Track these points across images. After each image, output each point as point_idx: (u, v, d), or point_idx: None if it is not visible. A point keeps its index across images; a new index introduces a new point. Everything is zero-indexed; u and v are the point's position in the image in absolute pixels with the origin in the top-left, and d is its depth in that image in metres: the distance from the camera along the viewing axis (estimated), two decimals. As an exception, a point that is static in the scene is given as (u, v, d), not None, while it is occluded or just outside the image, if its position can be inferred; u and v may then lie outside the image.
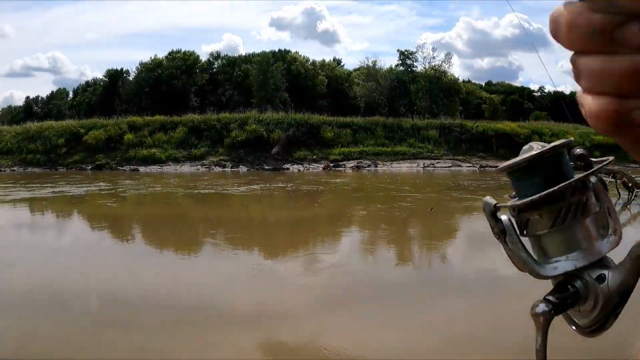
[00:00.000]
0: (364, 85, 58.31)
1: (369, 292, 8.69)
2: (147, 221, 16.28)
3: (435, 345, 6.49)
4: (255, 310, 7.50)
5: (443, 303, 8.23)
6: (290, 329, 6.78)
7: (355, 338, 6.52)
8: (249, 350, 6.04)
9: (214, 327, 6.76)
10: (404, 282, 9.60)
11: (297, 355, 6.09)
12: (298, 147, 41.14)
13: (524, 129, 48.54)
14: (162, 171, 35.55)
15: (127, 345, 6.10)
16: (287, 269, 10.12)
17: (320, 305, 7.96)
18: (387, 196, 23.03)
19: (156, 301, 7.75)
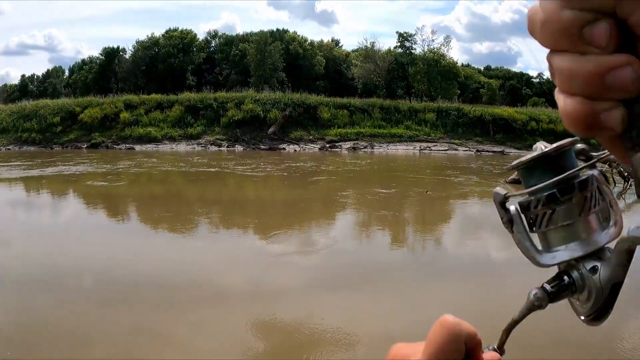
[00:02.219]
0: (361, 67, 58.07)
1: (363, 272, 8.79)
2: (142, 200, 16.35)
3: (427, 324, 6.46)
4: (250, 289, 7.62)
5: (437, 285, 8.30)
6: (284, 308, 6.83)
7: (349, 316, 6.64)
8: (243, 327, 6.09)
9: (209, 306, 6.83)
10: (399, 263, 9.68)
11: (291, 332, 6.15)
12: (295, 127, 41.09)
13: (521, 115, 48.43)
14: (157, 150, 35.49)
15: (123, 323, 6.19)
16: (282, 249, 10.17)
17: (315, 284, 8.08)
18: (382, 177, 23.07)
19: (151, 280, 7.82)
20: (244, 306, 6.89)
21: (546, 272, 0.71)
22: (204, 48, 68.59)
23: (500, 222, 0.72)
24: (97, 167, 23.61)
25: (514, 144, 44.80)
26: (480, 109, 48.85)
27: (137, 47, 65.36)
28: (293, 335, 6.08)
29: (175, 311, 6.61)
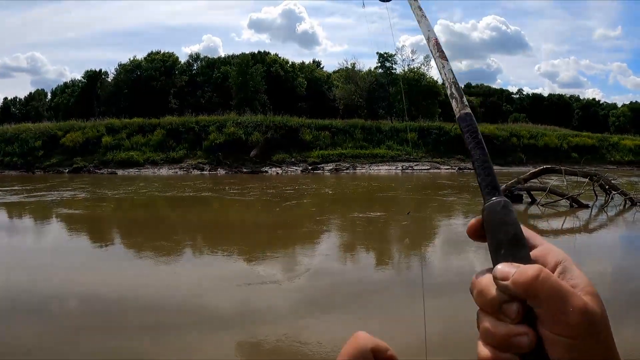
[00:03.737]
0: (343, 87, 58.49)
1: (349, 293, 8.87)
2: (124, 225, 16.31)
3: (413, 343, 6.63)
4: (235, 312, 7.64)
5: (420, 304, 8.37)
6: (270, 330, 6.87)
7: (335, 336, 6.67)
8: (230, 351, 6.18)
9: (195, 330, 6.82)
10: (384, 283, 9.77)
11: (277, 354, 6.20)
12: (277, 150, 41.07)
13: (502, 132, 48.95)
14: (140, 174, 35.39)
15: (109, 349, 6.17)
16: (266, 272, 10.19)
17: (300, 306, 8.12)
18: (365, 199, 23.20)
19: (135, 305, 7.81)
20: (229, 330, 6.92)
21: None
22: (185, 71, 68.67)
23: None
24: (78, 192, 23.52)
25: (495, 160, 44.92)
26: (462, 127, 49.18)
27: (119, 70, 65.39)
28: (282, 357, 6.12)
29: (160, 336, 6.61)
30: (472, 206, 20.46)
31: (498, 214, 0.73)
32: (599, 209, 19.52)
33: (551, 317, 0.62)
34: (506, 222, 0.72)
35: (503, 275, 0.65)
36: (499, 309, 0.65)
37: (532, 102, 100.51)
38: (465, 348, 6.76)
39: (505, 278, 0.65)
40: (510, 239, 0.71)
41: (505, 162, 44.84)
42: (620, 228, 17.33)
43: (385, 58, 59.07)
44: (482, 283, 0.69)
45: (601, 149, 52.27)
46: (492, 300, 0.66)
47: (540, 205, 19.78)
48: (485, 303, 0.68)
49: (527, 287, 0.63)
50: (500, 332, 0.65)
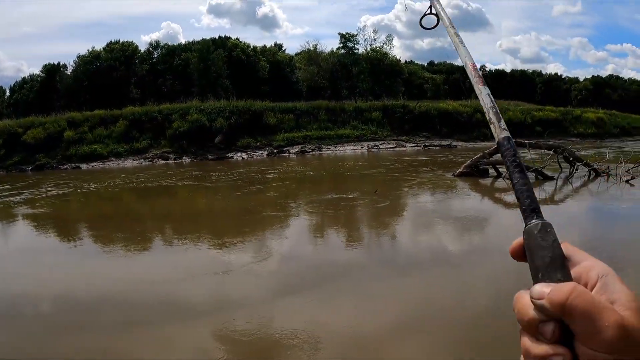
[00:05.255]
0: (305, 70, 58.39)
1: (322, 274, 8.89)
2: (92, 220, 16.03)
3: (387, 322, 6.69)
4: (209, 302, 7.62)
5: (395, 280, 8.45)
6: (246, 317, 6.85)
7: (310, 319, 6.73)
8: (206, 341, 6.16)
9: (170, 322, 6.79)
10: (356, 263, 9.80)
11: (256, 340, 6.18)
12: (241, 135, 40.88)
13: (466, 108, 49.35)
14: (104, 167, 34.97)
15: (86, 348, 6.10)
16: (238, 258, 10.14)
17: (274, 291, 8.09)
18: (332, 180, 23.22)
19: (111, 301, 7.71)
20: (204, 320, 6.88)
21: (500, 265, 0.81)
22: (146, 60, 67.70)
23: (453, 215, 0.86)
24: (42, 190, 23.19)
25: (460, 136, 45.72)
26: (426, 105, 49.68)
27: (78, 62, 64.30)
28: (258, 343, 6.11)
29: (137, 330, 6.56)
30: (438, 182, 20.62)
31: (535, 237, 0.76)
32: (564, 181, 19.79)
33: (586, 333, 0.63)
34: (543, 246, 0.74)
35: (539, 294, 0.68)
36: (536, 328, 0.68)
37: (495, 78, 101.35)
38: (435, 325, 6.87)
39: (541, 297, 0.67)
40: (547, 262, 0.73)
41: (470, 137, 45.34)
42: (586, 198, 17.58)
43: (347, 38, 59.04)
44: (521, 303, 0.71)
45: (564, 122, 53.21)
46: (530, 320, 0.68)
47: (506, 179, 19.97)
48: (523, 323, 0.70)
49: (562, 304, 0.64)
50: (537, 352, 0.67)
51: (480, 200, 17.77)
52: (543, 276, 0.71)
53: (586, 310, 0.63)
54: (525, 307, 0.70)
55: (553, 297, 0.66)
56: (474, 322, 6.67)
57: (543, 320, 0.67)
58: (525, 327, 0.70)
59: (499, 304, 7.31)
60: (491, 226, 13.47)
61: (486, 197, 18.25)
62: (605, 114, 59.21)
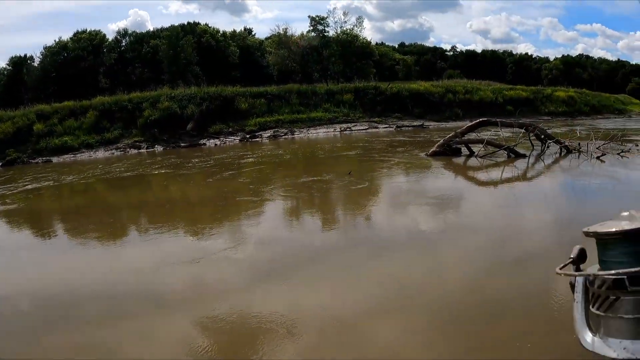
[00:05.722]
0: (276, 54, 58.15)
1: (300, 258, 8.94)
2: (67, 214, 15.79)
3: (367, 303, 6.75)
4: (189, 291, 7.60)
5: (374, 262, 8.49)
6: (226, 304, 6.88)
7: (289, 303, 6.75)
8: (187, 331, 6.16)
9: (150, 314, 6.79)
10: (334, 245, 9.85)
11: (238, 327, 6.21)
12: (213, 121, 40.54)
13: (437, 88, 49.63)
14: (75, 159, 34.50)
15: (66, 344, 6.07)
16: (215, 246, 10.07)
17: (252, 276, 8.11)
18: (305, 163, 23.25)
19: (89, 295, 7.63)
20: (186, 309, 6.86)
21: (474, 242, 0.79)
22: (114, 48, 66.90)
23: (427, 195, 0.81)
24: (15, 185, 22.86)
25: (432, 116, 45.94)
26: (397, 86, 49.74)
27: (45, 53, 63.36)
28: (239, 329, 6.14)
29: (118, 324, 6.51)
30: (412, 162, 20.75)
31: None
32: (536, 158, 20.02)
33: None
34: None
35: None
36: None
37: (466, 59, 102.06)
38: (412, 304, 6.92)
39: None
40: None
41: (442, 117, 45.61)
42: (558, 175, 17.81)
43: (317, 21, 58.94)
44: None
45: (535, 101, 53.69)
46: None
47: (479, 157, 20.19)
48: None
49: None
50: None
51: (454, 179, 17.89)
52: None
53: None
54: None
55: None
56: (451, 299, 6.75)
57: None
58: None
59: (474, 281, 7.44)
60: (465, 204, 13.60)
61: (460, 175, 18.41)
62: (576, 93, 59.87)
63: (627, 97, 77.41)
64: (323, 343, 5.76)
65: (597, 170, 17.35)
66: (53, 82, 59.24)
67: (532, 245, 9.00)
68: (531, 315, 5.99)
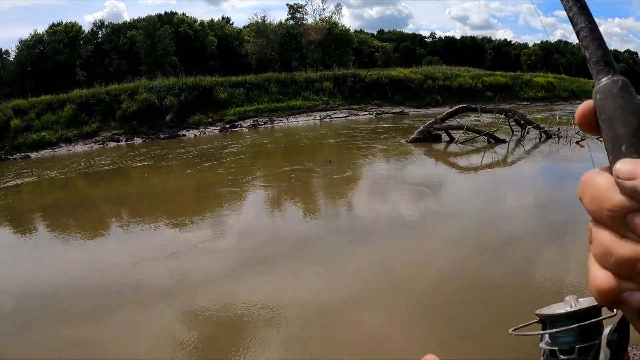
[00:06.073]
0: (254, 42, 57.83)
1: (283, 247, 8.99)
2: (47, 210, 15.62)
3: (349, 289, 6.79)
4: (172, 283, 7.61)
5: (356, 248, 8.58)
6: (209, 294, 6.93)
7: (273, 292, 6.81)
8: (174, 323, 6.21)
9: (135, 306, 6.81)
10: (317, 233, 9.93)
11: (220, 317, 6.26)
12: (192, 112, 40.31)
13: (417, 75, 49.68)
14: (54, 154, 34.19)
15: (51, 341, 6.06)
16: (196, 237, 10.10)
17: (236, 266, 8.17)
18: (286, 152, 23.22)
19: (72, 291, 7.62)
20: (169, 302, 6.87)
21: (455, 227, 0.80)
22: (90, 40, 66.16)
23: (409, 182, 0.83)
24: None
25: (412, 103, 46.02)
26: (377, 73, 49.72)
27: (21, 47, 62.53)
28: (224, 319, 6.19)
29: (102, 318, 6.50)
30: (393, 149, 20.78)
31: (615, 98, 0.54)
32: (515, 143, 20.17)
33: None
34: (626, 110, 0.54)
35: (628, 173, 0.48)
36: (622, 220, 0.48)
37: (445, 45, 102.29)
38: (395, 289, 6.98)
39: (632, 177, 0.48)
40: (633, 130, 0.54)
41: (422, 104, 45.71)
42: (538, 160, 17.99)
43: (295, 9, 58.69)
44: (599, 185, 0.51)
45: (515, 87, 54.11)
46: (613, 208, 0.48)
47: (459, 143, 20.26)
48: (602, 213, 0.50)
49: None
50: (623, 254, 0.47)
51: (435, 165, 17.98)
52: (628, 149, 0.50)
53: None
54: (605, 190, 0.50)
55: None
56: (432, 284, 6.84)
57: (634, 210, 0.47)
58: (604, 218, 0.50)
59: (455, 265, 7.51)
60: (446, 191, 13.71)
61: (440, 162, 18.50)
62: (555, 78, 60.40)
63: (606, 82, 77.97)
64: (306, 332, 5.81)
65: (577, 154, 17.51)
66: (29, 76, 58.49)
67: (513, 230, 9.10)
68: (513, 299, 6.05)
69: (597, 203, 0.51)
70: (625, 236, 0.48)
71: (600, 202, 0.50)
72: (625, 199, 0.48)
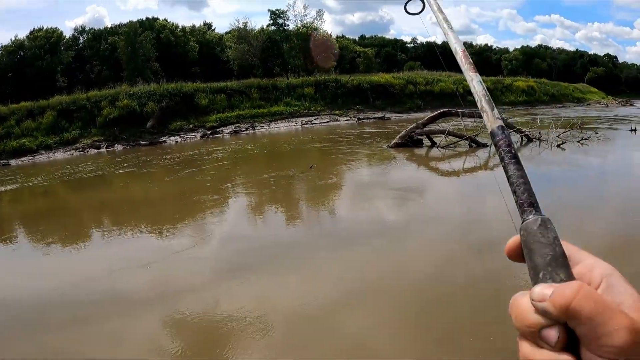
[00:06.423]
0: (236, 48, 57.86)
1: (266, 253, 8.94)
2: (27, 218, 15.45)
3: (332, 295, 6.84)
4: (155, 291, 7.55)
5: (340, 253, 8.60)
6: (193, 303, 6.87)
7: (257, 298, 6.82)
8: (158, 332, 6.16)
9: (116, 316, 6.70)
10: (300, 239, 9.97)
11: (204, 326, 6.22)
12: (174, 118, 40.18)
13: (398, 80, 49.90)
14: (35, 162, 33.93)
15: (34, 353, 5.97)
16: (179, 245, 10.06)
17: (219, 274, 8.14)
18: (267, 158, 23.23)
19: (53, 300, 7.54)
20: (153, 309, 6.85)
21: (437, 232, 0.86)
22: (72, 46, 65.82)
23: (391, 186, 0.92)
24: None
25: (394, 108, 46.23)
26: (358, 78, 49.89)
27: (1, 52, 62.13)
28: (208, 327, 6.16)
29: (85, 328, 6.43)
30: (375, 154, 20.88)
31: (534, 234, 0.69)
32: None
33: (594, 338, 0.56)
34: (543, 243, 0.68)
35: (541, 296, 0.61)
36: (538, 334, 0.61)
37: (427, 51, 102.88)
38: (378, 294, 7.04)
39: (543, 299, 0.61)
40: (548, 261, 0.66)
41: (404, 109, 45.97)
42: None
43: (277, 15, 58.79)
44: (519, 306, 0.64)
45: (496, 91, 54.73)
46: (531, 325, 0.62)
47: (441, 148, 20.43)
48: (523, 328, 0.63)
49: (566, 306, 0.58)
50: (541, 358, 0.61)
51: (417, 170, 18.07)
52: (544, 276, 0.64)
53: (594, 313, 0.56)
54: (524, 311, 0.63)
55: (556, 299, 0.59)
56: (415, 288, 6.90)
57: (545, 325, 0.60)
58: (525, 332, 0.63)
59: (438, 268, 7.61)
60: (429, 195, 13.78)
61: (422, 166, 18.60)
62: (536, 83, 61.29)
63: (586, 86, 79.35)
64: (289, 338, 5.82)
65: (558, 157, 17.75)
66: (9, 82, 58.15)
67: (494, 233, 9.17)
68: (496, 303, 6.14)
69: (520, 320, 0.63)
70: (542, 346, 0.61)
71: (522, 320, 0.63)
72: (539, 317, 0.61)
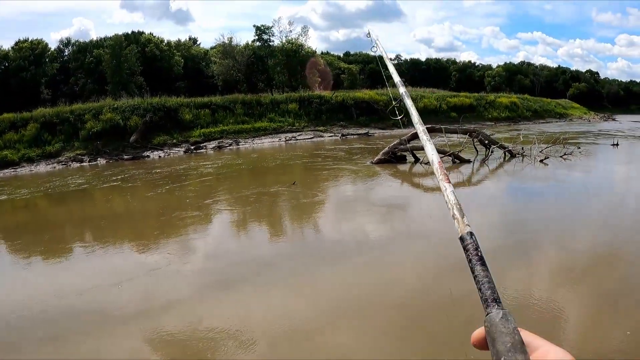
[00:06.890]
0: (220, 63, 57.98)
1: (250, 270, 8.94)
2: (7, 232, 15.27)
3: (316, 311, 6.89)
4: (138, 307, 7.52)
5: (324, 269, 8.61)
6: (176, 319, 6.86)
7: (241, 314, 6.83)
8: (141, 348, 6.14)
9: (97, 333, 6.65)
10: (284, 255, 9.94)
11: (188, 342, 6.21)
12: (157, 133, 40.05)
13: (382, 96, 50.22)
14: (16, 174, 33.68)
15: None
16: (162, 260, 10.01)
17: (202, 290, 8.12)
18: (251, 174, 23.19)
19: (34, 317, 7.45)
20: (136, 325, 6.82)
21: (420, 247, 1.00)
22: (56, 58, 65.66)
23: (375, 203, 1.10)
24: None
25: (377, 124, 46.46)
26: (342, 94, 50.15)
27: (-16, 63, 61.98)
28: (191, 343, 6.14)
29: (66, 345, 6.40)
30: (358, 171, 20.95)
31: (497, 325, 0.81)
32: (480, 163, 20.57)
33: None
34: (504, 333, 0.79)
35: None
36: None
37: (411, 67, 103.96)
38: (362, 309, 7.05)
39: None
40: (508, 348, 0.77)
41: (387, 125, 46.17)
42: (502, 179, 18.29)
43: (262, 31, 59.10)
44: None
45: (479, 108, 55.22)
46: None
47: (424, 164, 20.58)
48: None
49: None
50: None
51: (400, 186, 18.19)
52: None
53: None
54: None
55: None
56: (399, 304, 6.93)
57: None
58: None
59: (422, 284, 7.68)
60: (412, 211, 13.87)
61: (406, 182, 18.74)
62: (519, 99, 62.00)
63: (568, 101, 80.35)
64: (273, 354, 5.83)
65: (541, 173, 17.98)
66: (-7, 93, 57.94)
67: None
68: (480, 321, 6.29)
69: None
70: None
71: None
72: None
